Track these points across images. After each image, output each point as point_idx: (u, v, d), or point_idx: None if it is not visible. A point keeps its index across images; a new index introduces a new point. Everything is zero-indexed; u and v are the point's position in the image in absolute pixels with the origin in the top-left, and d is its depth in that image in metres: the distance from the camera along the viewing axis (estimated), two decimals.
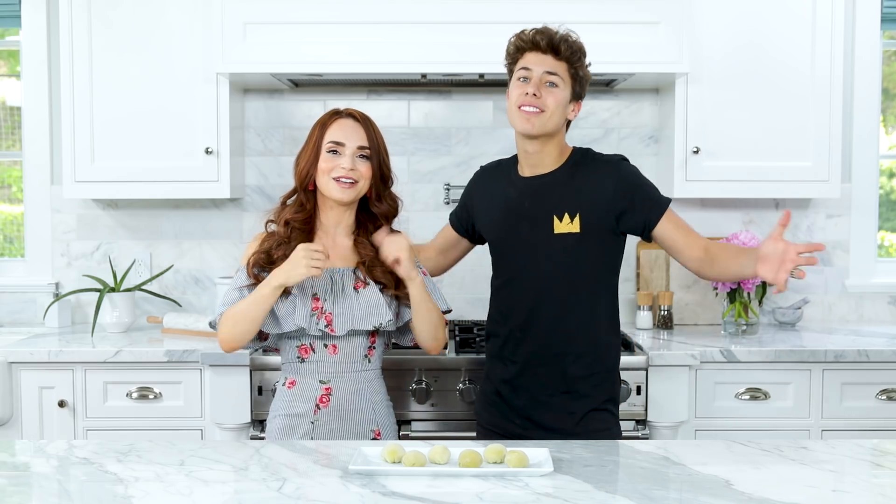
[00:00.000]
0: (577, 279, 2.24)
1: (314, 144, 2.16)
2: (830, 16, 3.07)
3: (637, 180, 2.27)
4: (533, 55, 2.21)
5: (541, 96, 2.19)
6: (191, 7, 3.07)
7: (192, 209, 3.45)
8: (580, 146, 2.33)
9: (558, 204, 2.23)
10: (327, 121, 2.17)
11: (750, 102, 3.10)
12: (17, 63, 3.55)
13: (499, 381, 2.32)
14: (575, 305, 2.24)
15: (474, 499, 1.56)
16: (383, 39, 2.93)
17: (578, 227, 2.21)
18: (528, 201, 2.26)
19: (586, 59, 2.25)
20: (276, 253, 2.13)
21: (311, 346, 2.16)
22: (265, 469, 1.73)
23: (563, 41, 2.20)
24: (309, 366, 2.16)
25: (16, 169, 3.61)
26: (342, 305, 2.13)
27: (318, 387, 2.15)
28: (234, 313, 2.10)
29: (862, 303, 3.49)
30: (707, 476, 1.69)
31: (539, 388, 2.26)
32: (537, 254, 2.24)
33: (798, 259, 2.05)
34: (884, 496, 1.61)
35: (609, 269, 2.29)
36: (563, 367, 2.24)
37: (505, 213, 2.31)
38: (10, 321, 3.46)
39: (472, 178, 2.48)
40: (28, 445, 1.93)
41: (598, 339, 2.26)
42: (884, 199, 3.60)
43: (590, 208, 2.21)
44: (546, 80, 2.19)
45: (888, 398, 2.88)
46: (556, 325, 2.24)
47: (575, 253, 2.22)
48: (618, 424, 2.32)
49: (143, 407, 2.88)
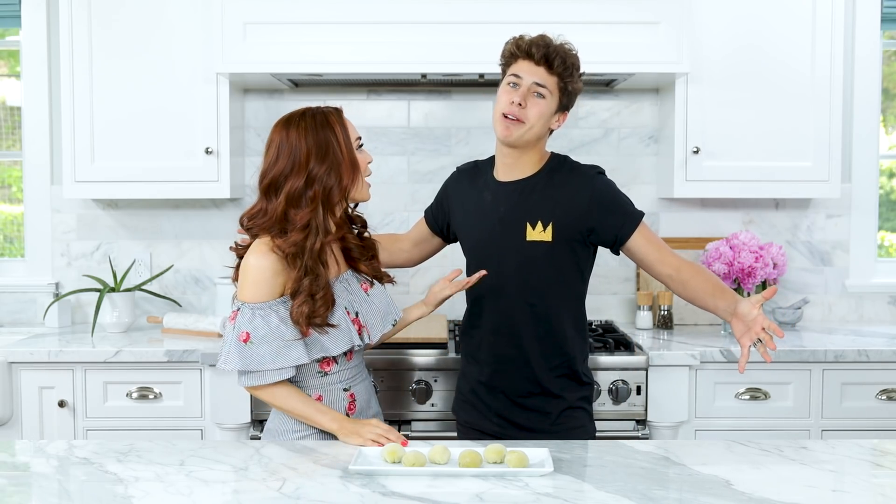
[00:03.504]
0: (546, 286, 2.24)
1: (346, 153, 1.99)
2: (830, 16, 3.08)
3: (611, 195, 2.25)
4: (525, 63, 2.20)
5: (525, 106, 2.18)
6: (191, 7, 3.07)
7: (192, 209, 3.45)
8: (559, 153, 2.32)
9: (532, 211, 2.23)
10: (338, 120, 2.02)
11: (750, 102, 3.10)
12: (17, 63, 3.55)
13: (474, 381, 2.34)
14: (543, 311, 2.24)
15: (474, 499, 1.56)
16: (383, 39, 2.93)
17: (550, 237, 2.21)
18: (502, 206, 2.26)
19: (579, 74, 2.23)
20: (317, 289, 1.94)
21: (334, 359, 2.05)
22: (265, 469, 1.73)
23: (558, 55, 2.18)
24: (332, 377, 2.06)
25: (16, 169, 3.61)
26: (366, 312, 2.07)
27: (344, 396, 2.08)
28: (280, 404, 1.98)
29: (862, 303, 3.49)
30: (707, 476, 1.69)
31: (512, 390, 2.27)
32: (509, 259, 2.24)
33: (761, 333, 2.01)
34: (884, 496, 1.61)
35: (578, 277, 2.29)
36: (533, 370, 2.25)
37: (479, 217, 2.31)
38: (10, 321, 3.46)
39: (449, 179, 2.47)
40: (28, 445, 1.93)
41: (565, 343, 2.27)
42: (884, 199, 3.60)
43: (562, 219, 2.21)
44: (534, 90, 2.18)
45: (888, 398, 2.88)
46: (524, 330, 2.25)
47: (545, 261, 2.23)
48: (592, 421, 2.34)
49: (143, 407, 2.88)
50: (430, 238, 2.53)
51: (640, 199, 3.42)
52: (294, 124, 2.00)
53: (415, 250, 2.56)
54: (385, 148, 3.44)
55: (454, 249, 2.50)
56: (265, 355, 1.92)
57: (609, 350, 2.83)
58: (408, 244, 2.56)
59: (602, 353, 2.80)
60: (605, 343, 2.87)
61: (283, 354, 1.93)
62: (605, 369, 2.77)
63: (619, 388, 2.75)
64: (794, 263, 3.46)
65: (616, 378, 2.77)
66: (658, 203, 3.43)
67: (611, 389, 2.76)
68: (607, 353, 2.80)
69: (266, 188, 2.00)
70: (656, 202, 3.43)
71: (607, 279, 3.44)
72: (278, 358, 1.93)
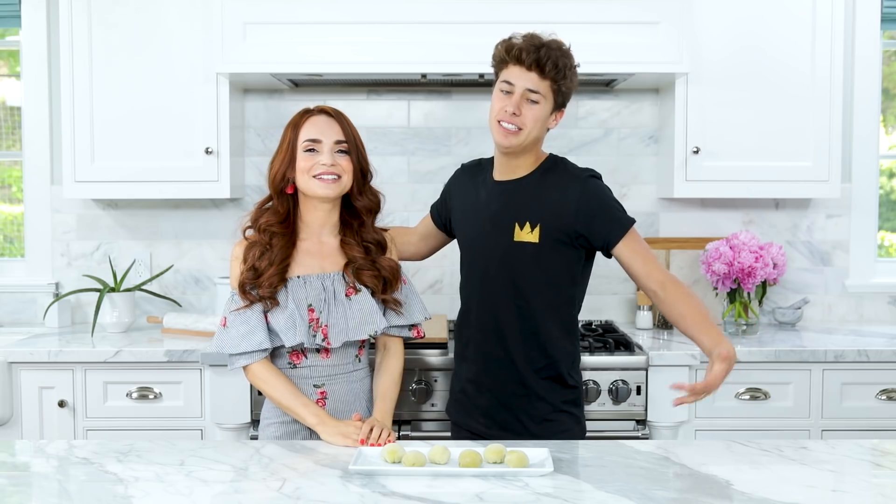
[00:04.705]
0: (533, 287, 2.22)
1: (288, 146, 2.13)
2: (830, 16, 3.07)
3: (599, 200, 2.21)
4: (517, 69, 2.16)
5: (520, 114, 2.16)
6: (191, 7, 3.07)
7: (192, 209, 3.45)
8: (556, 154, 2.31)
9: (521, 211, 2.22)
10: (299, 120, 2.14)
11: (750, 102, 3.10)
12: (17, 63, 3.55)
13: (464, 379, 2.34)
14: (529, 313, 2.23)
15: (474, 499, 1.56)
16: (383, 39, 2.93)
17: (537, 238, 2.19)
18: (493, 205, 2.26)
19: (573, 70, 2.20)
20: (261, 264, 2.10)
21: (303, 353, 2.14)
22: (265, 469, 1.73)
23: (549, 59, 2.14)
24: (302, 371, 2.14)
25: (16, 169, 3.61)
26: (336, 315, 2.11)
27: (313, 392, 2.14)
28: (266, 390, 2.11)
29: (862, 303, 3.49)
30: (707, 476, 1.69)
31: (499, 389, 2.27)
32: (496, 259, 2.24)
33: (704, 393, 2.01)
34: (884, 496, 1.61)
35: (567, 279, 2.26)
36: (519, 371, 2.24)
37: (473, 215, 2.31)
38: (10, 321, 3.46)
39: (454, 175, 2.49)
40: (28, 445, 1.93)
41: (550, 345, 2.24)
42: (884, 199, 3.60)
43: (550, 221, 2.19)
44: (527, 96, 2.16)
45: (888, 398, 2.88)
46: (509, 331, 2.24)
47: (531, 262, 2.21)
48: (580, 424, 2.30)
49: (143, 407, 2.88)
50: (435, 233, 2.54)
51: (640, 199, 3.43)
52: None
53: (421, 244, 2.58)
54: (385, 148, 3.44)
55: (454, 250, 2.50)
56: (234, 338, 2.09)
57: (609, 350, 2.83)
58: (415, 237, 2.58)
59: (602, 353, 2.80)
60: (605, 343, 2.87)
61: (248, 338, 2.08)
62: (604, 369, 2.77)
63: (619, 388, 2.75)
64: (794, 263, 3.46)
65: (616, 378, 2.77)
66: (658, 203, 3.43)
67: (611, 389, 2.76)
68: (607, 353, 2.80)
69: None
70: (656, 202, 3.43)
71: (607, 279, 3.44)
72: (243, 342, 2.08)
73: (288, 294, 2.09)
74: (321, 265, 2.14)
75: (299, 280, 2.12)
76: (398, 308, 2.19)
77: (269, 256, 2.09)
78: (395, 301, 2.19)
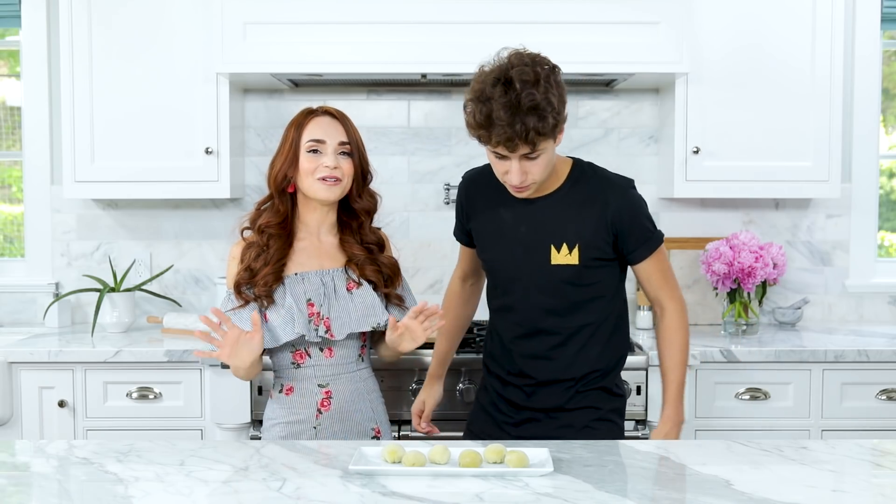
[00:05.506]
0: (576, 309, 2.15)
1: (291, 146, 2.12)
2: (830, 16, 3.07)
3: (636, 215, 2.14)
4: (505, 151, 1.98)
5: (526, 175, 2.01)
6: (191, 7, 3.07)
7: (192, 209, 3.45)
8: (581, 159, 2.21)
9: (555, 233, 2.11)
10: (303, 121, 2.14)
11: (750, 102, 3.10)
12: (17, 63, 3.55)
13: (495, 395, 2.27)
14: (574, 334, 2.16)
15: (474, 499, 1.56)
16: (383, 39, 2.93)
17: (577, 259, 2.10)
18: (523, 226, 2.14)
19: (559, 94, 1.98)
20: (257, 264, 2.10)
21: (306, 351, 2.14)
22: (265, 469, 1.73)
23: (534, 129, 1.92)
24: (306, 370, 2.15)
25: (16, 169, 3.61)
26: (338, 308, 2.12)
27: (318, 391, 2.15)
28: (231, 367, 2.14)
29: (862, 303, 3.49)
30: (707, 476, 1.69)
31: (538, 408, 2.20)
32: (533, 283, 2.15)
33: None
34: (884, 496, 1.61)
35: (612, 291, 2.20)
36: (562, 391, 2.19)
37: (499, 237, 2.18)
38: (10, 321, 3.46)
39: (463, 190, 2.30)
40: (28, 445, 1.93)
41: (600, 361, 2.19)
42: (884, 199, 3.60)
43: (588, 240, 2.11)
44: (526, 160, 2.00)
45: (888, 398, 2.88)
46: (554, 354, 2.17)
47: (573, 283, 2.13)
48: (621, 434, 2.26)
49: (143, 407, 2.88)
50: (475, 254, 2.35)
51: None
52: None
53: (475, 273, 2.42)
54: (385, 148, 3.44)
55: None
56: None
57: None
58: (470, 276, 2.42)
59: None
60: None
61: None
62: None
63: None
64: (794, 263, 3.46)
65: None
66: (658, 203, 3.43)
67: None
68: None
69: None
70: (656, 202, 3.43)
71: None
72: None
73: (285, 291, 2.10)
74: (320, 262, 2.15)
75: (297, 277, 2.13)
76: (401, 304, 2.21)
77: (265, 257, 2.10)
78: (398, 297, 2.20)
